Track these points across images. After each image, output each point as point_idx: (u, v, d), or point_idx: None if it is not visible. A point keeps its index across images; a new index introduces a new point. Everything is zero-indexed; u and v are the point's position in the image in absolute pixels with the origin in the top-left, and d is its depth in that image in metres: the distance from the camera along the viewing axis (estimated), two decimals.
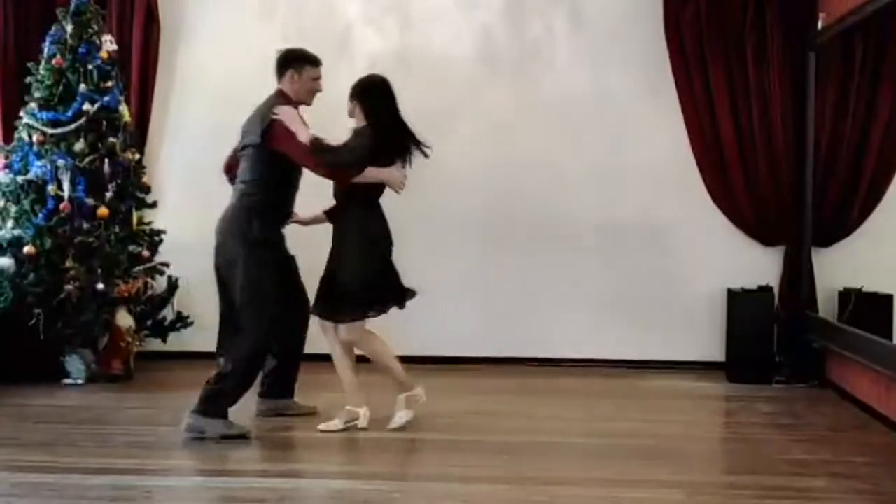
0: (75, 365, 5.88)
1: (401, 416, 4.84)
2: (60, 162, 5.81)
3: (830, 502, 3.81)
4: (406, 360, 6.08)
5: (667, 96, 6.46)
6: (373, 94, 4.83)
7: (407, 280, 6.49)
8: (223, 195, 6.60)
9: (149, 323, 6.25)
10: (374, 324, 4.88)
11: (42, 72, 5.99)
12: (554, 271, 6.58)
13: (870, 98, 6.17)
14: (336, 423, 4.80)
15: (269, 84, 6.56)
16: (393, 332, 6.42)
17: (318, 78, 4.95)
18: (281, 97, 4.87)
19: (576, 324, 6.60)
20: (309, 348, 5.16)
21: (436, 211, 6.40)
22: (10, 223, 5.89)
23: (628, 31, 6.55)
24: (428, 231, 6.36)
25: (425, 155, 4.85)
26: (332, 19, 6.70)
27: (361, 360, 4.94)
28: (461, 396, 5.55)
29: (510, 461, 4.39)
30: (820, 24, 6.02)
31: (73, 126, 5.87)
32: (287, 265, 4.95)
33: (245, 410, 4.88)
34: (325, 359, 4.93)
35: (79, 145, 5.87)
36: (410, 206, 6.23)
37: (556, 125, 6.59)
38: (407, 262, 5.88)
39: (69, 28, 5.98)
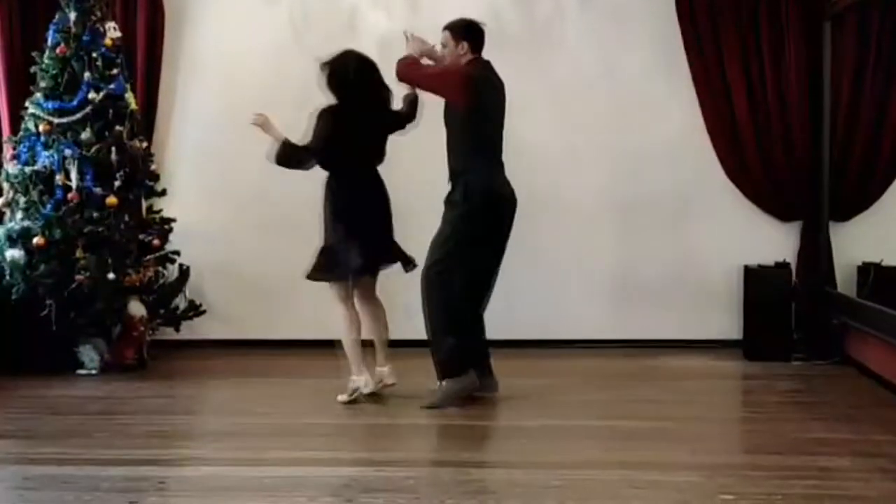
0: (88, 355, 5.87)
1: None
2: (68, 151, 5.77)
3: (855, 482, 3.73)
4: (418, 344, 6.06)
5: (679, 72, 6.37)
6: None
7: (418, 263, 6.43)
8: (233, 182, 6.62)
9: (161, 312, 6.22)
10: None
11: (46, 61, 5.93)
12: (567, 251, 6.52)
13: (888, 68, 6.09)
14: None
15: (275, 67, 6.56)
16: (404, 315, 6.40)
17: None
18: None
19: (590, 304, 6.54)
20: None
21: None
22: (19, 214, 5.86)
23: (639, 8, 6.46)
24: (438, 214, 6.29)
25: None
26: (338, 1, 6.62)
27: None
28: None
29: (525, 445, 4.34)
30: None
31: (79, 115, 5.82)
32: None
33: None
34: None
35: (85, 134, 5.82)
36: (422, 188, 6.19)
37: (568, 104, 6.51)
38: (418, 245, 5.82)
39: (72, 16, 5.90)
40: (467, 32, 5.03)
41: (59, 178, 5.78)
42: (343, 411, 4.92)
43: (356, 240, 4.93)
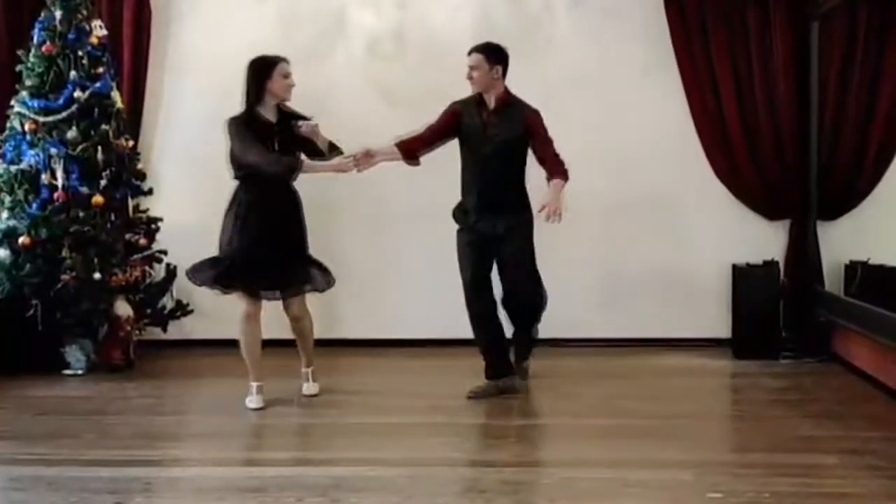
0: (75, 355, 5.83)
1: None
2: (53, 150, 5.74)
3: (844, 479, 3.74)
4: (407, 343, 6.05)
5: (668, 72, 6.37)
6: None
7: (408, 261, 6.44)
8: (220, 181, 6.55)
9: (148, 311, 6.18)
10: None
11: (32, 59, 5.90)
12: (557, 250, 6.48)
13: (874, 67, 6.11)
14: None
15: None
16: (393, 315, 6.40)
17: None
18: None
19: (580, 302, 6.53)
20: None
21: (436, 192, 6.32)
22: (4, 214, 5.81)
23: (628, 6, 6.46)
24: (428, 213, 6.29)
25: None
26: (327, 0, 6.59)
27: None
28: (466, 379, 5.49)
29: (518, 443, 4.33)
30: None
31: (64, 114, 5.79)
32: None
33: None
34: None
35: (71, 133, 5.79)
36: (412, 186, 6.19)
37: (557, 102, 6.44)
38: (409, 243, 5.80)
39: (58, 14, 5.87)
40: (501, 56, 5.14)
41: (44, 178, 5.74)
42: (331, 411, 4.90)
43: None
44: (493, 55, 5.12)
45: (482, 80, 5.11)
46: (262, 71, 4.97)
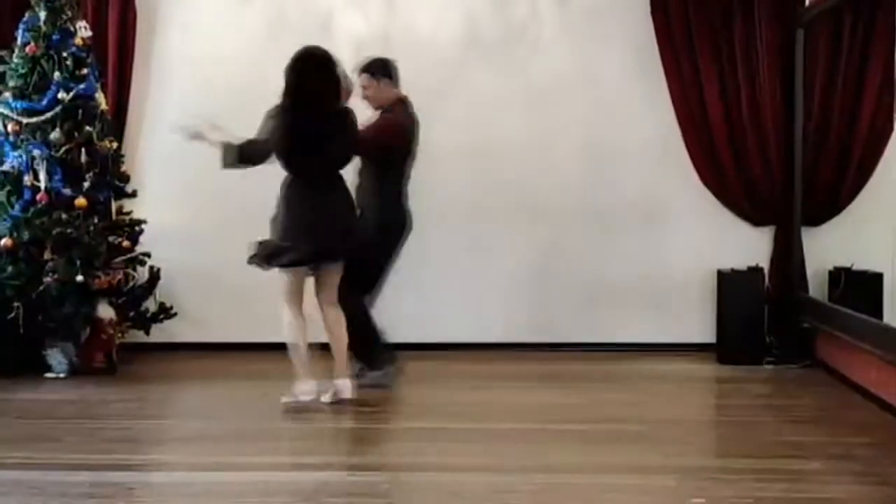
0: (57, 358, 5.78)
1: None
2: (36, 152, 5.69)
3: (828, 485, 3.75)
4: (394, 347, 6.00)
5: (654, 76, 6.38)
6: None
7: (404, 265, 6.41)
8: (204, 184, 6.55)
9: (131, 314, 6.14)
10: None
11: (16, 60, 5.85)
12: (541, 254, 6.52)
13: (858, 74, 6.13)
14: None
15: (249, 68, 6.50)
16: (385, 319, 6.36)
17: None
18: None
19: (564, 307, 6.53)
20: None
21: (422, 194, 6.32)
22: None
23: (614, 11, 6.46)
24: (414, 214, 6.29)
25: None
26: (313, 2, 6.57)
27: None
28: (450, 383, 5.49)
29: (501, 449, 4.32)
30: (807, 0, 5.95)
31: (48, 115, 5.74)
32: None
33: None
34: None
35: (55, 134, 5.75)
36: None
37: (543, 107, 6.51)
38: (406, 247, 5.77)
39: (43, 15, 5.83)
40: (385, 70, 5.36)
41: (27, 179, 5.69)
42: (317, 415, 4.87)
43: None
44: (377, 70, 5.34)
45: (376, 97, 5.34)
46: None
